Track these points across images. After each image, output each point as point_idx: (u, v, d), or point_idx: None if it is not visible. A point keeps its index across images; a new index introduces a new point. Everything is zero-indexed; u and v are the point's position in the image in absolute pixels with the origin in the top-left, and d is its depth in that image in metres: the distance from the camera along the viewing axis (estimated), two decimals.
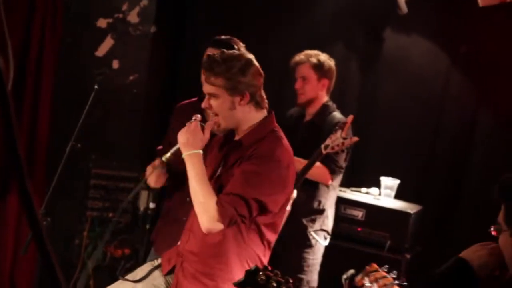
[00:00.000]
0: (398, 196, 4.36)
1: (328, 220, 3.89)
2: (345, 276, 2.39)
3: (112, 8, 4.55)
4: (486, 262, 2.32)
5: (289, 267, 3.46)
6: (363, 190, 4.45)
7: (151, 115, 4.83)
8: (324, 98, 3.89)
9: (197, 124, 2.52)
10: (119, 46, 4.56)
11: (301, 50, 3.91)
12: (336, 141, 3.44)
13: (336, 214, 4.01)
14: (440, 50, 4.56)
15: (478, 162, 4.42)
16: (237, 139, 2.56)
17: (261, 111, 2.55)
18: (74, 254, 4.35)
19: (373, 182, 4.44)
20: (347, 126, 3.47)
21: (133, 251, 4.40)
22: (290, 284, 2.02)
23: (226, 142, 2.63)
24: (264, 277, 1.99)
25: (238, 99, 2.47)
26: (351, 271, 2.22)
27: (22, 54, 4.15)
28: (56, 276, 0.99)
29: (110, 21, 4.53)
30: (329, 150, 3.47)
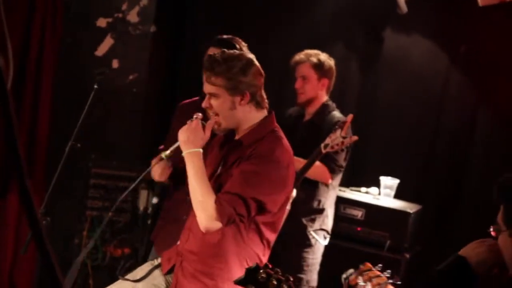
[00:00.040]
0: (397, 195, 4.36)
1: (327, 219, 3.89)
2: (344, 275, 2.38)
3: (112, 7, 4.54)
4: (484, 259, 2.32)
5: (288, 267, 3.45)
6: (363, 189, 4.45)
7: (151, 115, 4.83)
8: (324, 98, 3.89)
9: (198, 122, 2.51)
10: (119, 45, 4.56)
11: (301, 50, 3.91)
12: (335, 140, 3.44)
13: (335, 214, 4.01)
14: (440, 49, 4.56)
15: (478, 161, 4.42)
16: (237, 139, 2.56)
17: (261, 111, 2.55)
18: (73, 253, 4.35)
19: (372, 181, 4.44)
20: (347, 125, 3.47)
21: (132, 251, 4.40)
22: (290, 282, 2.02)
23: (226, 142, 2.63)
24: (264, 275, 1.99)
25: (238, 99, 2.47)
26: (351, 271, 2.22)
27: (22, 54, 4.15)
28: (55, 275, 0.99)
29: (110, 20, 4.53)
30: (328, 149, 3.46)
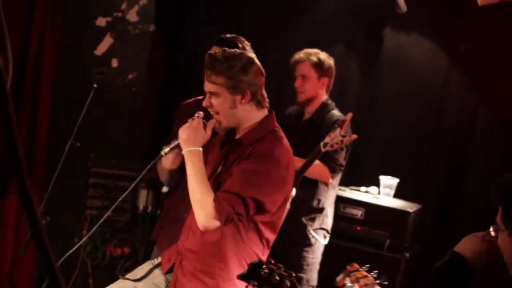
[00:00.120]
0: (397, 195, 4.36)
1: (327, 219, 3.89)
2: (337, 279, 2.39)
3: (111, 7, 4.54)
4: (478, 251, 2.33)
5: (288, 266, 3.43)
6: (363, 189, 4.45)
7: (151, 114, 4.83)
8: (323, 97, 3.89)
9: (199, 121, 2.51)
10: (119, 45, 4.55)
11: (301, 50, 3.90)
12: (335, 139, 3.44)
13: (335, 213, 4.01)
14: (439, 49, 4.56)
15: (478, 161, 4.42)
16: (237, 138, 2.56)
17: (262, 110, 2.55)
18: (73, 253, 4.34)
19: (372, 181, 4.44)
20: (346, 124, 3.46)
21: (132, 250, 4.40)
22: (293, 278, 2.03)
23: (227, 141, 2.63)
24: (267, 270, 2.00)
25: (239, 98, 2.47)
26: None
27: (21, 54, 4.14)
28: (55, 275, 0.99)
29: (109, 20, 4.53)
30: (328, 148, 3.46)
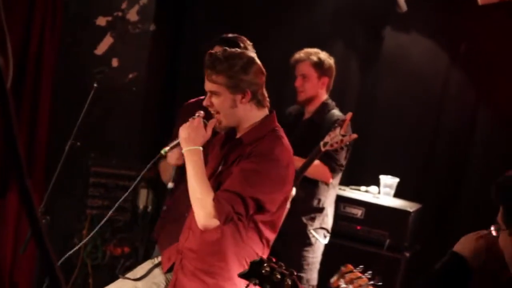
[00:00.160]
0: (397, 194, 4.36)
1: (327, 218, 3.89)
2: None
3: (111, 6, 4.54)
4: (477, 250, 2.33)
5: (289, 266, 3.44)
6: (363, 188, 4.46)
7: (151, 113, 4.83)
8: (323, 96, 3.89)
9: (200, 120, 2.51)
10: (119, 44, 4.55)
11: (301, 49, 3.90)
12: (335, 138, 3.44)
13: (335, 213, 4.01)
14: (439, 48, 4.56)
15: (478, 161, 4.41)
16: (238, 137, 2.56)
17: (262, 110, 2.55)
18: (73, 252, 4.34)
19: (372, 180, 4.44)
20: (346, 123, 3.46)
21: (132, 250, 4.40)
22: (294, 276, 2.03)
23: (227, 140, 2.63)
24: (268, 268, 2.00)
25: (239, 97, 2.47)
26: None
27: (21, 54, 4.14)
28: (55, 274, 0.99)
29: (110, 19, 4.53)
30: (328, 148, 3.46)
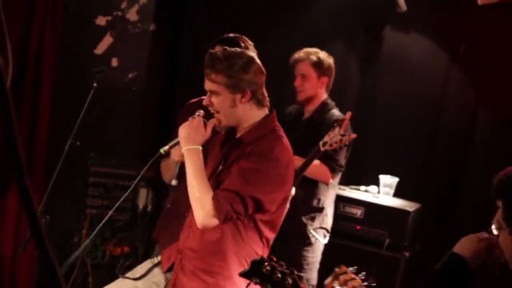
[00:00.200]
0: (397, 194, 4.36)
1: (327, 218, 3.89)
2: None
3: (111, 6, 4.54)
4: (477, 251, 2.34)
5: (288, 265, 3.45)
6: (362, 188, 4.46)
7: (150, 113, 4.83)
8: (323, 96, 3.89)
9: (200, 120, 2.51)
10: (118, 44, 4.55)
11: (301, 49, 3.90)
12: (334, 138, 3.44)
13: (335, 212, 4.01)
14: (439, 48, 4.56)
15: (478, 161, 4.41)
16: (238, 137, 2.56)
17: (262, 109, 2.54)
18: (73, 252, 4.35)
19: (372, 180, 4.44)
20: (345, 123, 3.46)
21: (132, 249, 4.40)
22: (295, 275, 2.03)
23: (227, 140, 2.63)
24: (269, 267, 2.00)
25: (239, 97, 2.46)
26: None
27: (21, 53, 4.14)
28: (55, 274, 0.99)
29: (109, 19, 4.53)
30: (327, 147, 3.46)
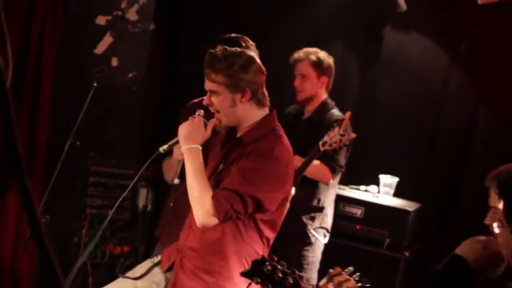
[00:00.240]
0: (397, 194, 4.36)
1: (327, 217, 3.89)
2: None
3: (111, 5, 4.54)
4: (481, 256, 2.34)
5: (289, 265, 3.45)
6: (362, 187, 4.46)
7: (150, 113, 4.84)
8: (323, 96, 3.89)
9: (200, 119, 2.50)
10: (118, 43, 4.55)
11: (300, 49, 3.90)
12: (334, 137, 3.44)
13: (335, 212, 4.01)
14: (439, 48, 4.56)
15: (478, 161, 4.41)
16: (238, 137, 2.56)
17: (262, 109, 2.54)
18: (73, 251, 4.35)
19: (372, 179, 4.44)
20: (345, 123, 3.46)
21: (132, 249, 4.41)
22: (295, 275, 2.03)
23: (228, 140, 2.63)
24: (270, 267, 2.00)
25: (239, 96, 2.46)
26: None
27: (21, 54, 4.14)
28: (55, 273, 0.99)
29: (109, 18, 4.53)
30: (327, 147, 3.46)
